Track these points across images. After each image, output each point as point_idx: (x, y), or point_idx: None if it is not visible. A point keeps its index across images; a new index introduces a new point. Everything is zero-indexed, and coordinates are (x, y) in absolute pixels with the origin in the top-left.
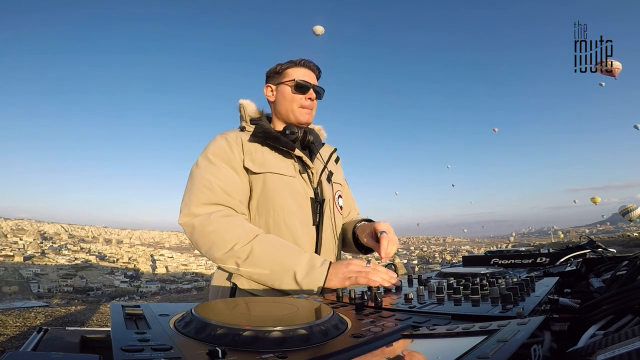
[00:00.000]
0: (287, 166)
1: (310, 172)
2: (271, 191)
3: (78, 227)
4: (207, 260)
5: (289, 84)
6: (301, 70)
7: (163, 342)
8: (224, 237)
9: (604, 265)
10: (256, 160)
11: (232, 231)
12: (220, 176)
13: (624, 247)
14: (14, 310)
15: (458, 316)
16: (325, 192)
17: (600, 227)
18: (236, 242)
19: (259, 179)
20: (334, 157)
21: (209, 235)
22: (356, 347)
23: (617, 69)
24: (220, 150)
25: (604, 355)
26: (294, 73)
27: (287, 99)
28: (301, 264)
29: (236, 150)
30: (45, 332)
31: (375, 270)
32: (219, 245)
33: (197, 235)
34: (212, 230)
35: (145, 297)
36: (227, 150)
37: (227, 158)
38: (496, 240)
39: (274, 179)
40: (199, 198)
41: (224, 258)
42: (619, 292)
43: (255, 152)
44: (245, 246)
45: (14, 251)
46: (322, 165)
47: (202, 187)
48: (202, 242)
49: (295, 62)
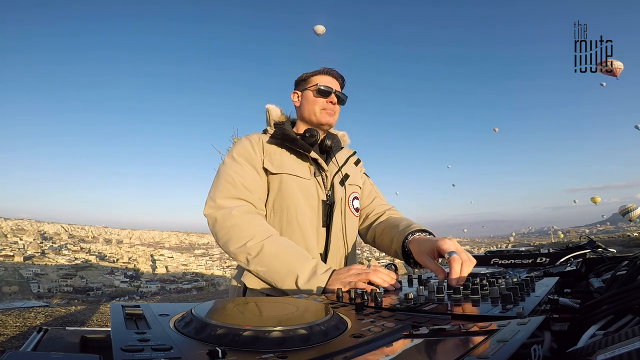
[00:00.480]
0: (303, 168)
1: (324, 175)
2: (286, 192)
3: (78, 227)
4: (207, 260)
5: (312, 88)
6: (325, 78)
7: (163, 342)
8: (241, 232)
9: (604, 265)
10: (274, 161)
11: (249, 228)
12: (242, 173)
13: (624, 247)
14: (14, 310)
15: (458, 316)
16: (336, 194)
17: (600, 227)
18: (250, 238)
19: (276, 180)
20: (353, 160)
21: (228, 229)
22: (356, 347)
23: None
24: (244, 150)
25: (604, 355)
26: (317, 79)
27: (309, 102)
28: (305, 269)
29: (257, 151)
30: (45, 332)
31: (376, 271)
32: (234, 240)
33: (218, 227)
34: (232, 224)
35: (145, 297)
36: (250, 151)
37: (249, 157)
38: (496, 240)
39: (290, 180)
40: (222, 192)
41: (237, 252)
42: (619, 292)
43: (274, 154)
44: (258, 244)
45: (14, 251)
46: (337, 168)
47: (226, 183)
48: (221, 234)
49: (320, 71)
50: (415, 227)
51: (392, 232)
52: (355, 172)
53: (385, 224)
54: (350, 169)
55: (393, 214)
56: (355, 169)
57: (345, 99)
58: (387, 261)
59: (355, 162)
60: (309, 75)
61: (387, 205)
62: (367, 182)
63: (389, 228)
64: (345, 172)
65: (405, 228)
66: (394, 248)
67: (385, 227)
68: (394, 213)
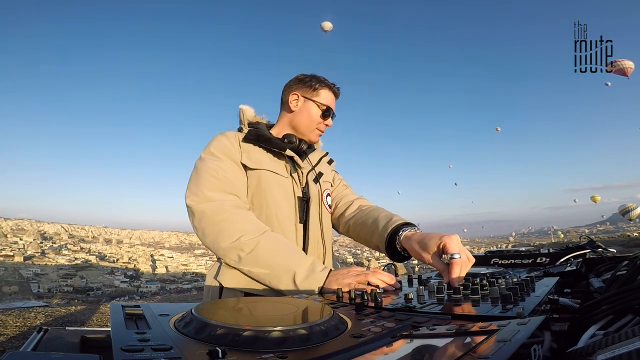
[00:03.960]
0: (280, 165)
1: (300, 172)
2: (265, 188)
3: (78, 227)
4: (207, 260)
5: (320, 106)
6: (331, 96)
7: (163, 342)
8: (233, 227)
9: (604, 265)
10: (252, 157)
11: (242, 223)
12: (225, 167)
13: (624, 247)
14: (14, 310)
15: (458, 316)
16: (311, 191)
17: (600, 227)
18: (243, 234)
19: (254, 175)
20: (326, 160)
21: (218, 224)
22: (356, 347)
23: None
24: (222, 145)
25: (604, 355)
26: (325, 97)
27: (309, 117)
28: (302, 267)
29: (235, 146)
30: (45, 332)
31: (375, 272)
32: (225, 235)
33: (206, 222)
34: (222, 219)
35: (145, 297)
36: (228, 146)
37: (228, 152)
38: (496, 240)
39: (268, 176)
40: (207, 185)
41: (229, 248)
42: (619, 292)
43: (251, 151)
44: (252, 239)
45: (14, 251)
46: (310, 166)
47: (209, 176)
48: (210, 230)
49: (330, 86)
50: (397, 220)
51: (371, 226)
52: (327, 170)
53: (360, 215)
54: (324, 168)
55: (363, 203)
56: (328, 168)
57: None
58: (387, 261)
59: (329, 162)
60: (318, 85)
61: (355, 195)
62: (337, 176)
63: (366, 220)
64: (318, 171)
65: (387, 222)
66: (374, 242)
67: (361, 218)
68: (364, 202)
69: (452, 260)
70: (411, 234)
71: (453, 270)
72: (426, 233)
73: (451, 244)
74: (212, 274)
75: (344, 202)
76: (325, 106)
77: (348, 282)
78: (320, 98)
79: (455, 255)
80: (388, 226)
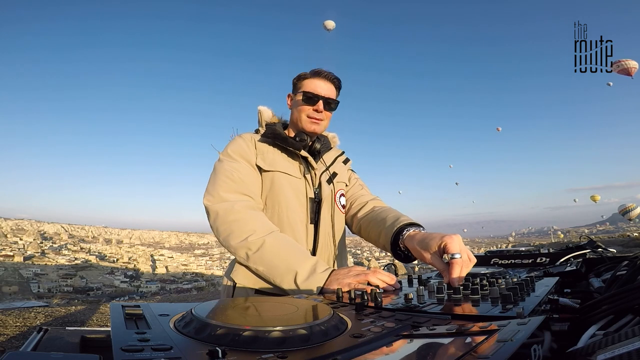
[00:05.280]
0: (293, 167)
1: (313, 173)
2: (278, 189)
3: (78, 227)
4: (207, 260)
5: (299, 95)
6: (314, 82)
7: (163, 342)
8: (243, 227)
9: (604, 265)
10: (267, 159)
11: (251, 223)
12: (240, 169)
13: (624, 247)
14: (14, 310)
15: (458, 316)
16: (324, 192)
17: (600, 227)
18: (252, 233)
19: (268, 177)
20: (341, 159)
21: (229, 224)
22: (356, 347)
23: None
24: (238, 147)
25: (604, 355)
26: (307, 84)
27: (297, 109)
28: (305, 267)
29: (251, 148)
30: (45, 332)
31: (375, 272)
32: (236, 234)
33: (220, 221)
34: (234, 219)
35: (145, 297)
36: (244, 148)
37: (244, 154)
38: (496, 240)
39: (281, 177)
40: (222, 187)
41: (238, 247)
42: (619, 292)
43: (266, 152)
44: (259, 239)
45: (14, 251)
46: (324, 167)
47: (225, 178)
48: (223, 229)
49: (310, 74)
50: (404, 220)
51: (379, 225)
52: (342, 170)
53: (371, 215)
54: (339, 168)
55: (377, 204)
56: (343, 167)
57: (335, 104)
58: (387, 261)
59: (344, 161)
60: (301, 78)
61: (371, 195)
62: (353, 176)
63: (375, 220)
64: (333, 171)
65: (394, 222)
66: (382, 242)
67: (371, 219)
68: (378, 203)
69: (452, 260)
70: (414, 233)
71: (453, 270)
72: (428, 233)
73: (452, 244)
74: (228, 272)
75: (359, 202)
76: (309, 92)
77: (348, 282)
78: (303, 87)
79: (456, 255)
80: (394, 226)
